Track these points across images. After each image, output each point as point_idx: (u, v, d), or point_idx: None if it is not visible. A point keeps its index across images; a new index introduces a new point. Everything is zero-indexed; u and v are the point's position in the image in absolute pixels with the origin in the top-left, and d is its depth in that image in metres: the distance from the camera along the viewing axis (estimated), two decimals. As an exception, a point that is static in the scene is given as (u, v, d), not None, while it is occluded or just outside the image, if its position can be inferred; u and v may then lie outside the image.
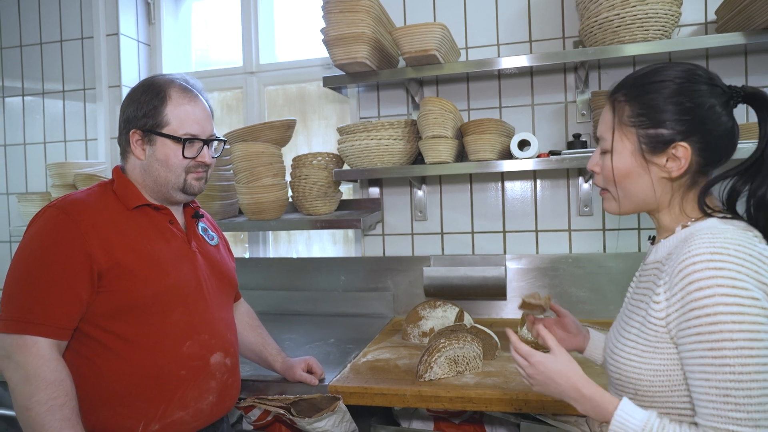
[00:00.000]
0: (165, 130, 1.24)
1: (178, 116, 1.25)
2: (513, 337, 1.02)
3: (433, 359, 1.52)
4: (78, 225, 1.14)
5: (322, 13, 1.94)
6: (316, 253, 2.66)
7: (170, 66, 2.79)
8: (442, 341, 1.54)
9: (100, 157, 2.63)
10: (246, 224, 2.20)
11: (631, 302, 1.00)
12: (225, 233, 2.70)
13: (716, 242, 0.84)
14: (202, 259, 1.34)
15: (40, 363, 1.06)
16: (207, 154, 1.31)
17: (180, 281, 1.25)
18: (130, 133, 1.26)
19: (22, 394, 1.04)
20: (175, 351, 1.21)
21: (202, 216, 1.43)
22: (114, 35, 2.62)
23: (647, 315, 0.91)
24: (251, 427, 1.58)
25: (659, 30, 1.79)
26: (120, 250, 1.17)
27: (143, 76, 2.67)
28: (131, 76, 2.67)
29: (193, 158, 1.28)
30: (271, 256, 2.67)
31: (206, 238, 1.40)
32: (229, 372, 1.31)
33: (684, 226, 0.94)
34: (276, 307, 2.44)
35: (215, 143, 1.36)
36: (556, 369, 0.95)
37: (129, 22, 2.67)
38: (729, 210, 0.94)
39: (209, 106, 1.35)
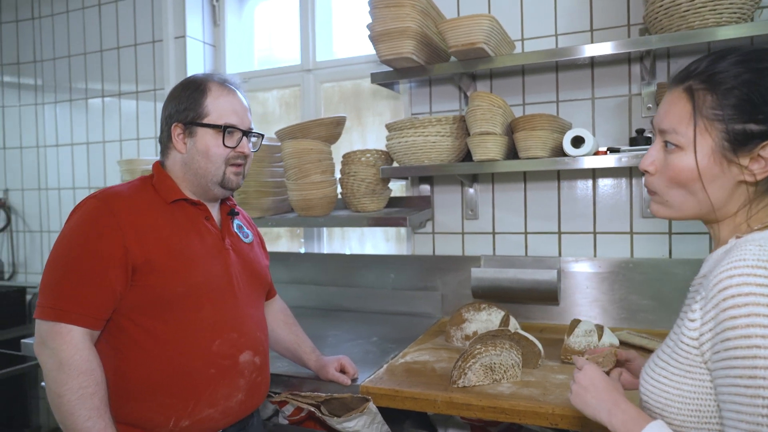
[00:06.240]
0: (205, 120, 1.28)
1: (217, 107, 1.29)
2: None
3: (468, 365, 1.46)
4: (117, 217, 1.17)
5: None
6: (369, 250, 2.65)
7: (234, 66, 2.89)
8: (478, 347, 1.48)
9: (167, 153, 2.77)
10: (296, 220, 2.23)
11: (677, 320, 0.90)
12: (276, 228, 2.76)
13: (762, 254, 0.73)
14: (235, 257, 1.36)
15: (73, 351, 1.09)
16: (246, 145, 1.34)
17: (210, 278, 1.27)
18: (172, 126, 1.30)
19: (54, 381, 1.09)
20: (205, 349, 1.22)
21: (238, 213, 1.46)
22: (181, 38, 2.75)
23: (680, 335, 0.82)
24: (286, 422, 1.60)
25: (735, 13, 1.60)
26: (154, 246, 1.20)
27: (208, 76, 2.78)
28: (197, 76, 2.79)
29: (233, 148, 1.30)
30: (325, 252, 2.70)
31: (241, 236, 1.42)
32: (258, 370, 1.32)
33: (738, 237, 0.82)
34: (326, 303, 2.46)
35: (254, 138, 1.38)
36: (604, 378, 0.93)
37: (195, 25, 2.79)
38: None
39: (246, 102, 1.37)
